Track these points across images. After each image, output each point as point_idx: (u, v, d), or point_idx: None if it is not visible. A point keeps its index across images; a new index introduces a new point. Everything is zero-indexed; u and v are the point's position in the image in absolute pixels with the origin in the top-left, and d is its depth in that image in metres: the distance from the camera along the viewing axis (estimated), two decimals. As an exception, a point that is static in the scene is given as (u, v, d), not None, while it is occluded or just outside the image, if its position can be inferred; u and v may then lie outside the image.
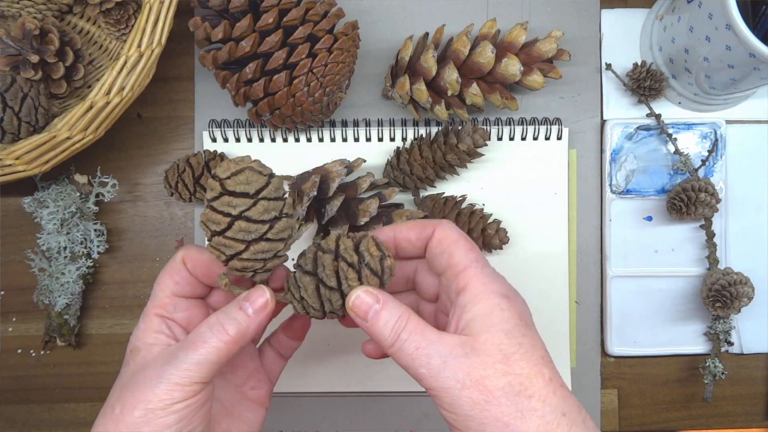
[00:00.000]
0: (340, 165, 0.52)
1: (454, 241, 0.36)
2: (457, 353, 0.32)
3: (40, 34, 0.52)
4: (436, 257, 0.37)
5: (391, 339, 0.33)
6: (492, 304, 0.33)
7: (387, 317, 0.34)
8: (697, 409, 0.59)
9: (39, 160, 0.48)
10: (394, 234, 0.38)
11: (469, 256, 0.35)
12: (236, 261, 0.34)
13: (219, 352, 0.33)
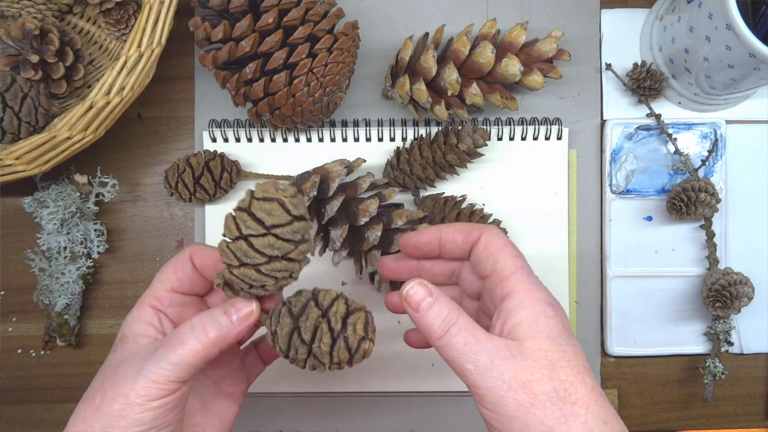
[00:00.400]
0: (340, 165, 0.52)
1: (501, 247, 0.37)
2: (504, 354, 0.32)
3: (40, 34, 0.52)
4: (481, 261, 0.37)
5: (441, 332, 0.34)
6: (538, 311, 0.34)
7: (438, 310, 0.34)
8: (697, 409, 0.59)
9: (39, 160, 0.48)
10: (439, 235, 0.39)
11: (515, 263, 0.36)
12: (242, 270, 0.34)
13: (196, 354, 0.34)
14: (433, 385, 0.57)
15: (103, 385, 0.34)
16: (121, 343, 0.37)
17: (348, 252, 0.52)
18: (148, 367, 0.33)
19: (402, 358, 0.57)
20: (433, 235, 0.39)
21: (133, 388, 0.33)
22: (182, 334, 0.34)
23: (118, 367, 0.35)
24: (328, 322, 0.35)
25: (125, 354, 0.36)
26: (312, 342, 0.35)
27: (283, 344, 0.36)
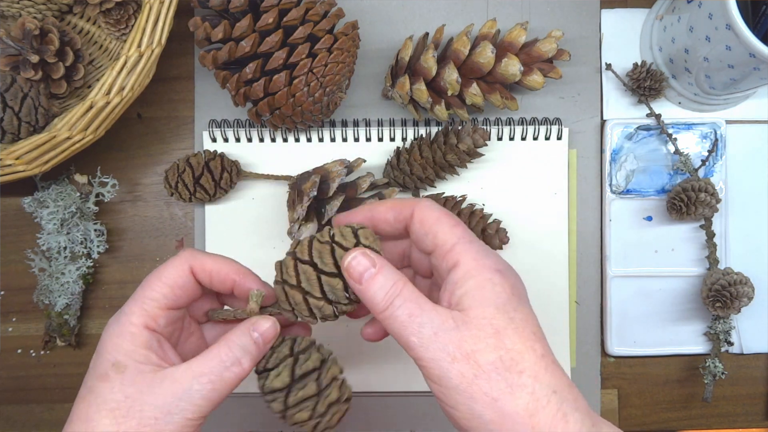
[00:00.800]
0: (340, 165, 0.52)
1: (437, 220, 0.35)
2: (448, 326, 0.31)
3: (40, 34, 0.52)
4: (421, 238, 0.36)
5: (384, 304, 0.33)
6: (484, 279, 0.32)
7: (382, 282, 0.33)
8: (697, 409, 0.59)
9: (39, 160, 0.48)
10: (371, 214, 0.37)
11: (455, 233, 0.34)
12: None
13: (232, 386, 0.34)
14: (433, 385, 0.57)
15: (122, 427, 0.32)
16: (117, 371, 0.33)
17: (348, 252, 0.52)
18: (184, 405, 0.32)
19: (402, 358, 0.57)
20: (365, 215, 0.37)
21: (168, 428, 0.32)
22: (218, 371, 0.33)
23: (138, 405, 0.32)
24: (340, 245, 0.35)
25: (133, 387, 0.33)
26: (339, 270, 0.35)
27: (303, 310, 0.36)
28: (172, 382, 0.33)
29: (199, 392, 0.33)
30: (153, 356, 0.34)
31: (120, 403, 0.32)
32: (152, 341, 0.35)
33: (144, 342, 0.34)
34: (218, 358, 0.34)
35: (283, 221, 0.56)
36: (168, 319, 0.36)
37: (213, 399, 0.33)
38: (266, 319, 0.36)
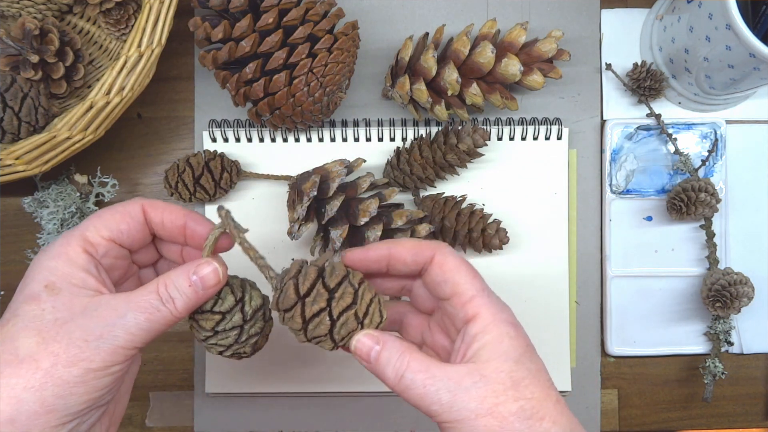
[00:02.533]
0: (340, 165, 0.52)
1: (456, 268, 0.36)
2: (466, 384, 0.32)
3: (40, 34, 0.52)
4: (438, 284, 0.36)
5: (395, 378, 0.34)
6: (502, 333, 0.34)
7: (387, 357, 0.34)
8: (697, 409, 0.59)
9: (39, 160, 0.48)
10: (389, 253, 0.37)
11: (475, 285, 0.35)
12: None
13: (168, 321, 0.33)
14: (433, 385, 0.57)
15: (49, 347, 0.31)
16: (51, 293, 0.32)
17: (348, 252, 0.52)
18: (117, 332, 0.32)
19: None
20: (382, 253, 0.37)
21: (98, 353, 0.31)
22: (154, 304, 0.33)
23: (67, 328, 0.31)
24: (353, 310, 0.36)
25: (66, 311, 0.32)
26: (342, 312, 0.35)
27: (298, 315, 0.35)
28: (108, 308, 0.32)
29: (134, 321, 0.32)
30: (91, 280, 0.33)
31: (49, 324, 0.31)
32: (90, 266, 0.34)
33: (82, 265, 0.33)
34: (155, 293, 0.33)
35: (283, 221, 0.56)
36: (109, 253, 0.35)
37: (147, 330, 0.32)
38: (209, 263, 0.35)
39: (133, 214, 0.36)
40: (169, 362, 0.58)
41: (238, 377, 0.57)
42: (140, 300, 0.33)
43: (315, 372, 0.57)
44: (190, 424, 0.58)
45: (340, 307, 0.35)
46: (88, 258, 0.34)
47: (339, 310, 0.35)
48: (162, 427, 0.58)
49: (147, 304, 0.33)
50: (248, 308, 0.37)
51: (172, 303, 0.33)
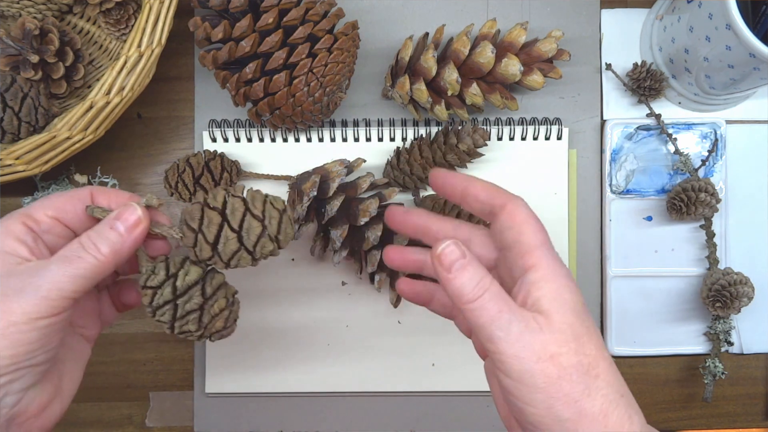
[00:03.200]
0: (340, 165, 0.52)
1: (525, 219, 0.36)
2: (533, 327, 0.32)
3: (40, 34, 0.52)
4: (504, 231, 0.36)
5: (474, 295, 0.33)
6: (562, 285, 0.34)
7: (472, 273, 0.33)
8: (697, 409, 0.59)
9: (39, 160, 0.48)
10: (467, 185, 0.38)
11: (539, 237, 0.35)
12: None
13: (94, 268, 0.33)
14: (433, 385, 0.57)
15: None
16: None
17: (348, 252, 0.52)
18: (39, 282, 0.32)
19: (402, 358, 0.57)
20: (461, 184, 0.38)
21: (19, 304, 0.31)
22: (75, 251, 0.33)
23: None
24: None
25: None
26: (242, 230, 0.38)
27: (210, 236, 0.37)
28: (31, 267, 0.33)
29: (56, 269, 0.32)
30: (23, 249, 0.34)
31: None
32: (27, 237, 0.34)
33: (17, 235, 0.34)
34: (77, 242, 0.34)
35: (283, 221, 0.56)
36: (52, 230, 0.35)
37: (72, 278, 0.32)
38: (129, 207, 0.35)
39: (81, 196, 0.36)
40: (169, 362, 0.58)
41: (238, 377, 0.57)
42: (63, 251, 0.33)
43: (315, 372, 0.57)
44: (190, 424, 0.58)
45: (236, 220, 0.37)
46: (26, 230, 0.34)
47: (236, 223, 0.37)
48: (162, 427, 0.58)
49: (69, 252, 0.33)
50: (180, 282, 0.37)
51: (95, 248, 0.34)
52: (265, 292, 0.57)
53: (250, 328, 0.57)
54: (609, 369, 0.33)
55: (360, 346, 0.57)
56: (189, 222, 0.37)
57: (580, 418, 0.31)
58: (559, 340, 0.32)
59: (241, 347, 0.57)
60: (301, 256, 0.57)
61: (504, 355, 0.32)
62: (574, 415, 0.31)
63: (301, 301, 0.57)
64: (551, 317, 0.33)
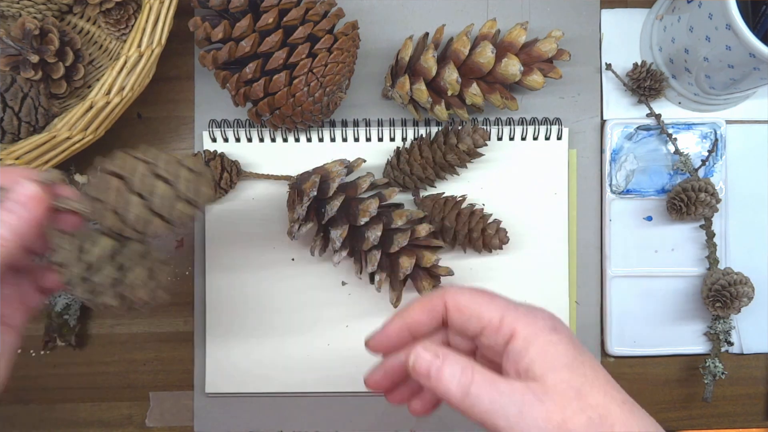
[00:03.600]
0: (340, 165, 0.52)
1: (472, 302, 0.35)
2: (530, 400, 0.31)
3: (40, 34, 0.52)
4: (464, 324, 0.35)
5: (461, 394, 0.32)
6: (545, 342, 0.33)
7: (451, 371, 0.33)
8: (697, 409, 0.59)
9: (39, 160, 0.48)
10: (404, 323, 0.37)
11: (497, 306, 0.34)
12: None
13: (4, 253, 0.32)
14: (433, 385, 0.57)
15: None
16: None
17: (348, 252, 0.52)
18: None
19: (402, 358, 0.57)
20: (399, 326, 0.37)
21: None
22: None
23: None
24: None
25: None
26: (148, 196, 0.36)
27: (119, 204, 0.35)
28: None
29: None
30: None
31: None
32: None
33: None
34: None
35: (283, 221, 0.56)
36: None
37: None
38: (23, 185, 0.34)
39: None
40: (169, 362, 0.58)
41: (238, 377, 0.57)
42: None
43: (315, 372, 0.57)
44: (190, 424, 0.58)
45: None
46: None
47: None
48: (162, 427, 0.58)
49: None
50: (89, 256, 0.35)
51: None
52: (265, 292, 0.57)
53: (250, 328, 0.57)
54: (622, 410, 0.31)
55: (360, 346, 0.57)
56: (89, 191, 0.35)
57: None
58: (561, 404, 0.31)
59: (241, 347, 0.57)
60: (301, 256, 0.57)
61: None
62: None
63: (301, 301, 0.57)
64: (545, 381, 0.31)
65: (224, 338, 0.57)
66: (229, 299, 0.57)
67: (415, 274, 0.52)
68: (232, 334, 0.57)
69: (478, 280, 0.57)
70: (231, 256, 0.57)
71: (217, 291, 0.57)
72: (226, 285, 0.57)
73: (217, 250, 0.57)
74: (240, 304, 0.57)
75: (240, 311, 0.57)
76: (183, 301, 0.58)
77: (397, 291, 0.52)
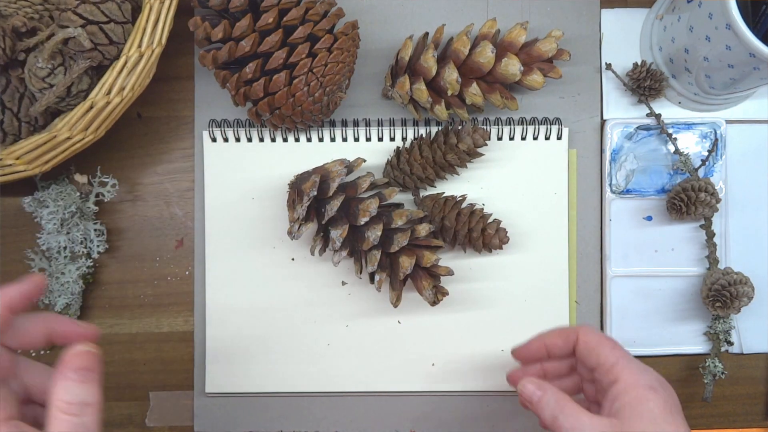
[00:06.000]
0: (340, 165, 0.52)
1: (598, 342, 0.43)
2: (605, 424, 0.38)
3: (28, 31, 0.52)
4: (585, 357, 0.44)
5: (550, 418, 0.41)
6: (640, 394, 0.39)
7: (546, 400, 0.42)
8: (697, 409, 0.59)
9: (39, 160, 0.48)
10: (544, 342, 0.47)
11: (615, 353, 0.42)
12: None
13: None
14: (433, 385, 0.57)
15: None
16: None
17: (348, 252, 0.52)
18: None
19: (402, 358, 0.57)
20: (540, 343, 0.47)
21: None
22: None
23: None
24: None
25: None
26: None
27: None
28: None
29: None
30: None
31: None
32: None
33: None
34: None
35: (283, 221, 0.56)
36: None
37: None
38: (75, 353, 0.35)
39: None
40: (169, 362, 0.58)
41: (238, 377, 0.57)
42: None
43: (315, 372, 0.57)
44: (190, 424, 0.58)
45: None
46: None
47: None
48: (162, 427, 0.58)
49: None
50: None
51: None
52: (264, 291, 0.57)
53: (250, 328, 0.57)
54: None
55: (360, 346, 0.57)
56: None
57: None
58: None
59: (241, 347, 0.57)
60: (301, 256, 0.57)
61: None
62: None
63: (301, 301, 0.57)
64: (626, 423, 0.38)
65: (224, 338, 0.57)
66: (229, 299, 0.57)
67: (415, 274, 0.52)
68: (232, 334, 0.57)
69: (478, 279, 0.57)
70: (231, 256, 0.57)
71: (217, 291, 0.57)
72: (226, 285, 0.57)
73: (216, 250, 0.57)
74: (240, 304, 0.57)
75: (240, 311, 0.57)
76: (183, 301, 0.58)
77: (397, 291, 0.52)
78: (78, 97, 0.49)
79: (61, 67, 0.48)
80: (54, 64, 0.48)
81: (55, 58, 0.48)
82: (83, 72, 0.48)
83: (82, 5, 0.47)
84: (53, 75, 0.48)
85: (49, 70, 0.48)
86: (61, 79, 0.48)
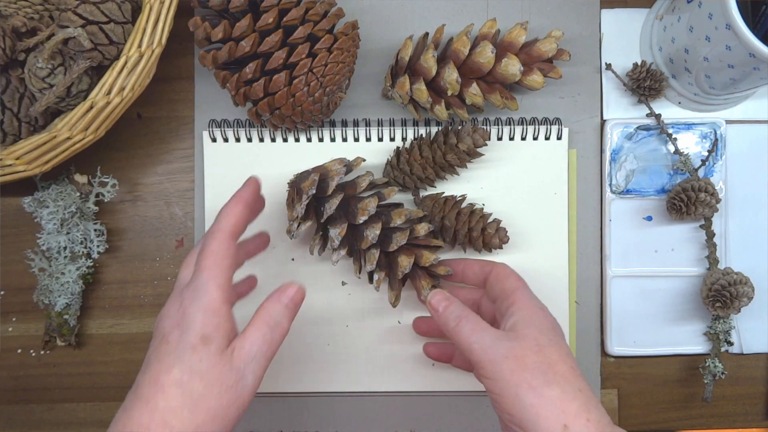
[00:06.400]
0: (339, 164, 0.52)
1: (507, 276, 0.48)
2: (502, 337, 0.42)
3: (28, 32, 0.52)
4: (492, 287, 0.48)
5: (454, 323, 0.44)
6: (532, 312, 0.44)
7: (452, 309, 0.45)
8: (697, 409, 0.59)
9: (39, 160, 0.48)
10: (464, 265, 0.52)
11: (517, 284, 0.47)
12: None
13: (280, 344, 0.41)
14: (433, 385, 0.57)
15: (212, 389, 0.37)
16: (205, 344, 0.38)
17: (347, 251, 0.52)
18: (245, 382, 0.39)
19: (402, 358, 0.57)
20: (459, 266, 0.52)
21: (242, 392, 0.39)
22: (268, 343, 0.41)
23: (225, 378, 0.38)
24: None
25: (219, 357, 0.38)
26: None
27: None
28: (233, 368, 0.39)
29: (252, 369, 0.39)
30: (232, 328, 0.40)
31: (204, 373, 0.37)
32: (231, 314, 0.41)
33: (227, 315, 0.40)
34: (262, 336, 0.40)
35: (283, 221, 0.56)
36: None
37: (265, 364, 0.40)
38: (292, 285, 0.43)
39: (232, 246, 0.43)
40: (169, 362, 0.58)
41: (238, 377, 0.57)
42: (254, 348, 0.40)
43: (315, 372, 0.57)
44: (190, 424, 0.58)
45: None
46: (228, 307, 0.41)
47: None
48: (162, 427, 0.58)
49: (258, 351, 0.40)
50: None
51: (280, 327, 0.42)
52: (264, 292, 0.57)
53: (250, 328, 0.57)
54: (569, 371, 0.41)
55: (360, 346, 0.57)
56: None
57: (541, 402, 0.39)
58: (523, 346, 0.41)
59: (241, 347, 0.57)
60: (300, 255, 0.57)
61: (480, 362, 0.42)
62: (536, 399, 0.39)
63: (301, 301, 0.57)
64: (519, 332, 0.42)
65: (224, 338, 0.57)
66: (229, 299, 0.57)
67: (414, 274, 0.52)
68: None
69: (478, 280, 0.57)
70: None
71: (217, 291, 0.57)
72: (226, 285, 0.57)
73: (217, 250, 0.57)
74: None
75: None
76: (183, 301, 0.58)
77: (395, 290, 0.52)
78: (78, 97, 0.49)
79: (61, 67, 0.48)
80: (54, 64, 0.48)
81: (55, 58, 0.48)
82: (83, 72, 0.48)
83: (82, 5, 0.47)
84: (53, 75, 0.48)
85: (49, 70, 0.48)
86: (61, 79, 0.48)
